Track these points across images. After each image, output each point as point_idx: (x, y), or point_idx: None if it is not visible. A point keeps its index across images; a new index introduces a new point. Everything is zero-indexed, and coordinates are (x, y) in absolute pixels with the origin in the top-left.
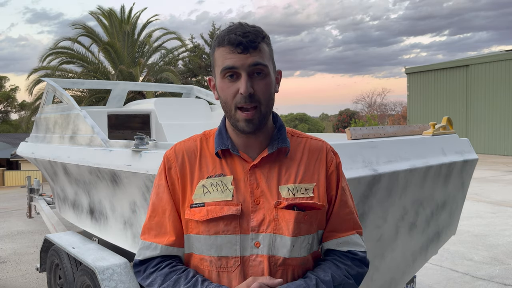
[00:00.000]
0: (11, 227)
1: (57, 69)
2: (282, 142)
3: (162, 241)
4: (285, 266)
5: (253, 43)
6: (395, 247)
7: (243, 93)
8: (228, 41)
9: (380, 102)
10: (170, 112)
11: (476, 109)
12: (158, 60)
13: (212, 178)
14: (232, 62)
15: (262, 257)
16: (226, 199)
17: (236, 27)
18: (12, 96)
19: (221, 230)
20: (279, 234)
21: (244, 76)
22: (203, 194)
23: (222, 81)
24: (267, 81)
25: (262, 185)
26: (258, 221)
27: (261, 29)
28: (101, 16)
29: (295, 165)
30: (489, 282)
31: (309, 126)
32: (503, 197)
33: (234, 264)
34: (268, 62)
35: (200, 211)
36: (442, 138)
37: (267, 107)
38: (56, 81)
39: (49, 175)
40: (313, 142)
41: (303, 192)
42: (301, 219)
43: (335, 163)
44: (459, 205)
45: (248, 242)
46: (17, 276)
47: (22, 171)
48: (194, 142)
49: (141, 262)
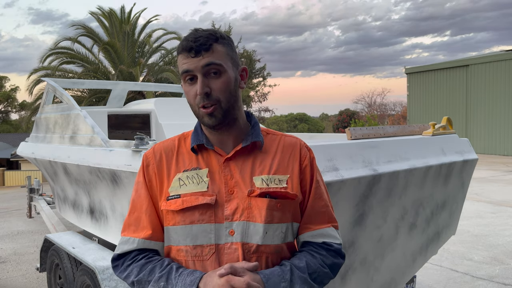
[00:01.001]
0: (11, 227)
1: (57, 69)
2: (255, 137)
3: (140, 235)
4: (259, 253)
5: (204, 46)
6: (395, 247)
7: (198, 94)
8: (182, 48)
9: (380, 102)
10: (170, 112)
11: (476, 109)
12: (158, 60)
13: (188, 172)
14: (187, 66)
15: (236, 244)
16: (201, 190)
17: (190, 34)
18: (13, 96)
19: (196, 219)
20: (252, 221)
21: (200, 77)
22: (179, 187)
23: (184, 85)
24: (224, 79)
25: (236, 176)
26: (232, 209)
27: (216, 32)
28: (101, 16)
29: (270, 158)
30: (489, 282)
31: (309, 126)
32: (503, 197)
33: (209, 252)
34: (224, 60)
35: (176, 202)
36: (442, 138)
37: (228, 102)
38: (56, 81)
39: (49, 175)
40: (288, 139)
41: (277, 183)
42: (274, 207)
43: (309, 158)
44: (459, 205)
45: (223, 231)
46: (17, 276)
47: (22, 171)
48: (172, 142)
49: (119, 256)
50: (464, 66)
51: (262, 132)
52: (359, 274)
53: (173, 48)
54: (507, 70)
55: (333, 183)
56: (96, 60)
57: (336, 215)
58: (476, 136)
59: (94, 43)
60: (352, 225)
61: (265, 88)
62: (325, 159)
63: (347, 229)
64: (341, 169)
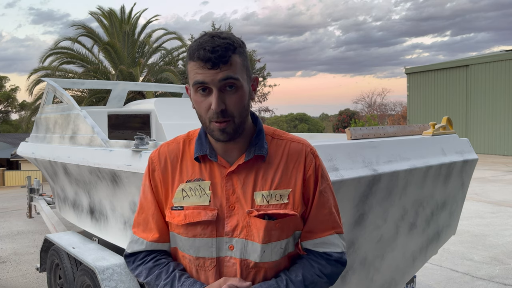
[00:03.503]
0: (11, 227)
1: (57, 69)
2: (259, 150)
3: (148, 237)
4: (257, 269)
5: (223, 58)
6: (395, 247)
7: (214, 109)
8: (197, 57)
9: (380, 102)
10: (170, 112)
11: (476, 109)
12: (158, 60)
13: (191, 183)
14: (202, 78)
15: (235, 259)
16: (203, 204)
17: (206, 41)
18: (13, 96)
19: (199, 233)
20: (250, 240)
21: (215, 92)
22: (182, 198)
23: (195, 95)
24: (239, 94)
25: (238, 191)
26: (232, 226)
27: (233, 40)
28: (101, 16)
29: (272, 170)
30: (489, 282)
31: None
32: (503, 197)
33: (211, 264)
34: (241, 73)
35: (179, 214)
36: (442, 138)
37: (240, 118)
38: (56, 81)
39: (49, 175)
40: (294, 145)
41: (278, 199)
42: (272, 227)
43: (314, 166)
44: (459, 205)
45: (223, 245)
46: (17, 276)
47: (22, 171)
48: (177, 145)
49: (130, 254)
50: (464, 66)
51: (267, 137)
52: (359, 274)
53: (173, 48)
54: (507, 70)
55: (333, 183)
56: (96, 60)
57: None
58: (476, 136)
59: (94, 43)
60: (352, 225)
61: (265, 88)
62: (325, 159)
63: (347, 229)
64: (341, 169)
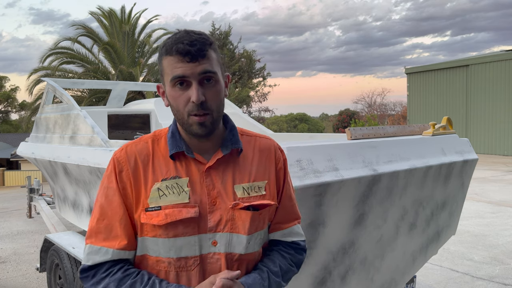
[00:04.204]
0: (11, 227)
1: (57, 69)
2: (235, 143)
3: (113, 245)
4: (240, 261)
5: (201, 52)
6: (395, 247)
7: (195, 101)
8: (176, 51)
9: (380, 102)
10: (170, 112)
11: (476, 109)
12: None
13: (167, 181)
14: (182, 71)
15: (219, 254)
16: (183, 202)
17: (183, 36)
18: (13, 96)
19: (180, 232)
20: (235, 233)
21: (195, 84)
22: (159, 198)
23: (172, 90)
24: (217, 88)
25: (218, 186)
26: (215, 221)
27: (208, 36)
28: (101, 16)
29: (248, 164)
30: (489, 282)
31: (309, 126)
32: (503, 197)
33: (194, 263)
34: (217, 68)
35: (158, 214)
36: (442, 138)
37: (218, 112)
38: (56, 81)
39: (49, 175)
40: (263, 141)
41: (256, 191)
42: (256, 218)
43: (282, 161)
44: (459, 205)
45: (206, 241)
46: (17, 276)
47: (22, 171)
48: (145, 144)
49: (90, 267)
50: (464, 66)
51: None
52: (359, 274)
53: None
54: (507, 70)
55: (333, 183)
56: (96, 60)
57: (336, 215)
58: (476, 136)
59: (94, 43)
60: (352, 225)
61: (265, 88)
62: (325, 159)
63: (347, 229)
64: (341, 169)
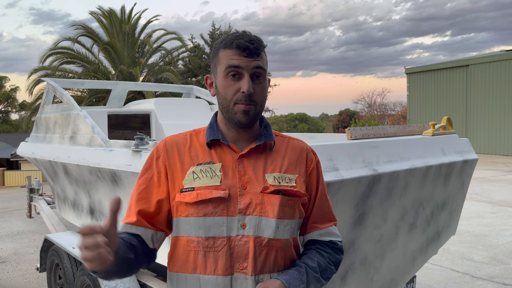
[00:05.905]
0: (11, 227)
1: (57, 69)
2: (268, 137)
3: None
4: (269, 247)
5: (257, 50)
6: (395, 247)
7: (245, 92)
8: (236, 45)
9: (380, 102)
10: (170, 112)
11: (476, 109)
12: (158, 60)
13: (202, 165)
14: (238, 62)
15: (248, 237)
16: (214, 184)
17: (243, 34)
18: (13, 96)
19: (210, 212)
20: (264, 216)
21: (247, 76)
22: (193, 180)
23: (224, 79)
24: (264, 85)
25: (249, 172)
26: (245, 204)
27: (262, 40)
28: (101, 16)
29: (280, 157)
30: (489, 282)
31: (309, 126)
32: (503, 197)
33: (221, 244)
34: (266, 68)
35: (190, 194)
36: (442, 138)
37: (261, 106)
38: (56, 81)
39: (49, 175)
40: (295, 142)
41: (287, 181)
42: (286, 203)
43: (315, 162)
44: (459, 205)
45: (235, 224)
46: (17, 276)
47: (22, 171)
48: (184, 136)
49: None
50: (464, 66)
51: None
52: (359, 274)
53: (173, 48)
54: (507, 70)
55: (333, 183)
56: (96, 60)
57: (336, 215)
58: (476, 136)
59: (94, 43)
60: (352, 225)
61: None
62: (325, 159)
63: (347, 229)
64: (341, 169)
